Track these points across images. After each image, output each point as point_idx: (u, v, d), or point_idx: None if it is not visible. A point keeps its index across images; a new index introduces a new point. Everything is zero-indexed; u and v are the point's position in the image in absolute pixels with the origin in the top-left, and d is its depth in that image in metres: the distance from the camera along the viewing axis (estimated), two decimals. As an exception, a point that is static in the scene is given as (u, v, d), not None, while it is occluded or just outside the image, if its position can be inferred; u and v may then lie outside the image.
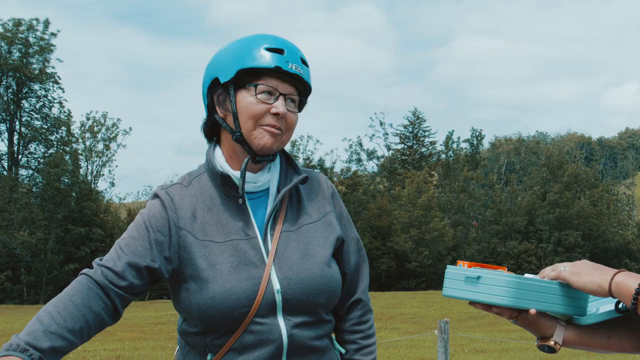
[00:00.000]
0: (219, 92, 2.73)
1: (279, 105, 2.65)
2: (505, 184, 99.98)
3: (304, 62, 2.73)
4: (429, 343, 22.52)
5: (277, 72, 2.66)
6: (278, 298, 2.63)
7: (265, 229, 2.72)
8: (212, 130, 2.86)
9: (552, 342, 2.48)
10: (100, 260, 2.64)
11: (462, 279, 2.47)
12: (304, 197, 2.87)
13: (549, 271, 2.41)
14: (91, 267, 2.65)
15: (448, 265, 2.54)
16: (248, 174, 2.76)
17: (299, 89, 2.75)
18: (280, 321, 2.64)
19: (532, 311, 2.37)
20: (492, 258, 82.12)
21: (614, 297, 2.28)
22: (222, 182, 2.73)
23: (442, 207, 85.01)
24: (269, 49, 2.64)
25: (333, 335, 2.91)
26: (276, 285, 2.63)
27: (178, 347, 2.92)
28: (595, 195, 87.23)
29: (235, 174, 2.74)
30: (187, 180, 2.81)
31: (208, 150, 2.83)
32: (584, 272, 2.31)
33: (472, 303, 2.45)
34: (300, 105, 2.82)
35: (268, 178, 2.81)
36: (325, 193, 2.93)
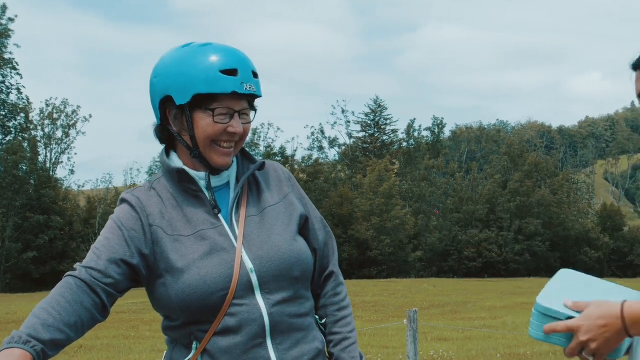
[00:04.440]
0: (172, 109, 2.77)
1: (235, 124, 2.73)
2: (467, 173, 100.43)
3: (255, 75, 2.77)
4: (392, 331, 22.49)
5: (232, 94, 2.71)
6: (253, 277, 2.69)
7: (230, 216, 2.80)
8: (165, 135, 2.90)
9: None
10: (81, 263, 2.69)
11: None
12: (262, 183, 2.95)
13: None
14: (65, 271, 2.62)
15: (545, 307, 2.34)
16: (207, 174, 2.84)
17: (251, 100, 2.82)
18: (260, 300, 2.69)
19: None
20: (453, 246, 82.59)
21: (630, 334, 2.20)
22: (179, 178, 2.80)
23: (403, 196, 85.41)
24: (223, 72, 2.67)
25: (317, 317, 2.95)
26: (249, 265, 2.70)
27: (167, 347, 2.92)
28: (555, 183, 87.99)
29: (194, 172, 2.82)
30: (147, 186, 2.88)
31: (161, 153, 2.91)
32: (596, 338, 2.20)
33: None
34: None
35: (227, 173, 2.89)
36: (282, 177, 3.00)
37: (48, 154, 79.08)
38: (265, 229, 2.80)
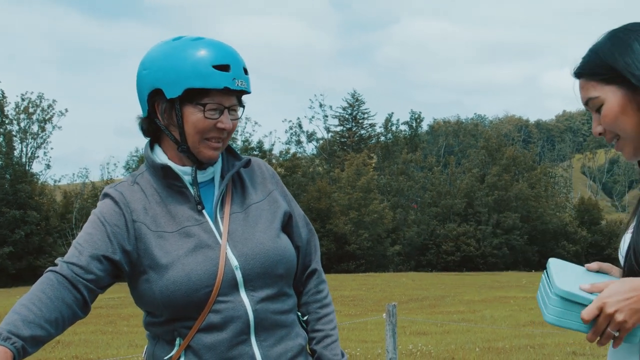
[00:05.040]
0: (162, 103, 2.75)
1: (225, 120, 2.73)
2: (444, 167, 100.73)
3: (246, 71, 2.78)
4: (370, 326, 22.50)
5: (224, 90, 2.71)
6: (238, 274, 2.70)
7: (214, 213, 2.80)
8: (151, 129, 2.89)
9: None
10: (62, 258, 2.67)
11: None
12: (247, 180, 2.95)
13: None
14: (42, 266, 2.51)
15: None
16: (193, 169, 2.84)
17: (239, 96, 2.83)
18: (244, 297, 2.70)
19: None
20: (431, 240, 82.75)
21: None
22: (164, 174, 2.80)
23: (381, 190, 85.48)
24: (215, 67, 2.67)
25: (299, 314, 2.97)
26: (234, 262, 2.70)
27: (147, 342, 2.92)
28: (533, 177, 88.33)
29: (179, 168, 2.82)
30: (131, 181, 2.86)
31: (146, 147, 2.90)
32: (622, 309, 2.20)
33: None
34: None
35: (212, 169, 2.89)
36: (266, 174, 3.02)
37: (24, 149, 78.67)
38: (250, 226, 2.80)
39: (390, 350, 10.96)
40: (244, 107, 2.86)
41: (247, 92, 2.80)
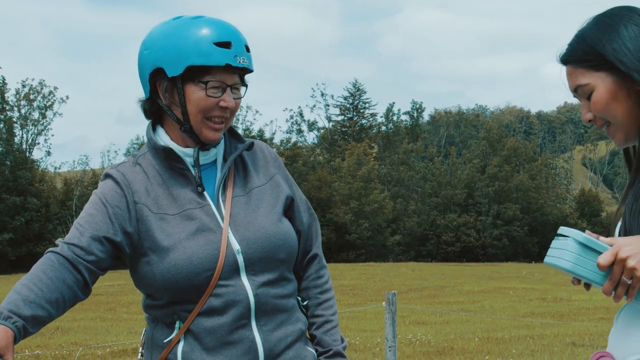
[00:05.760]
0: (163, 82, 2.74)
1: (227, 99, 2.71)
2: (445, 157, 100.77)
3: (248, 49, 2.76)
4: (370, 315, 22.54)
5: (225, 67, 2.69)
6: (240, 259, 2.68)
7: (216, 196, 2.78)
8: (153, 110, 2.87)
9: None
10: (63, 239, 2.66)
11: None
12: (249, 163, 2.93)
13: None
14: (42, 253, 2.58)
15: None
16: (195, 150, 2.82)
17: (242, 75, 2.81)
18: (245, 281, 2.69)
19: None
20: (431, 231, 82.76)
21: None
22: (166, 156, 2.78)
23: (381, 179, 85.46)
24: (216, 44, 2.66)
25: (299, 299, 2.96)
26: (236, 246, 2.68)
27: (146, 325, 2.91)
28: (534, 169, 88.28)
29: (181, 149, 2.80)
30: (132, 161, 2.85)
31: (148, 129, 2.88)
32: (635, 254, 2.18)
33: None
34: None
35: (215, 151, 2.87)
36: (268, 158, 3.00)
37: (24, 135, 78.62)
38: (251, 210, 2.79)
39: (389, 338, 10.93)
40: (246, 86, 2.84)
41: (250, 70, 2.78)
